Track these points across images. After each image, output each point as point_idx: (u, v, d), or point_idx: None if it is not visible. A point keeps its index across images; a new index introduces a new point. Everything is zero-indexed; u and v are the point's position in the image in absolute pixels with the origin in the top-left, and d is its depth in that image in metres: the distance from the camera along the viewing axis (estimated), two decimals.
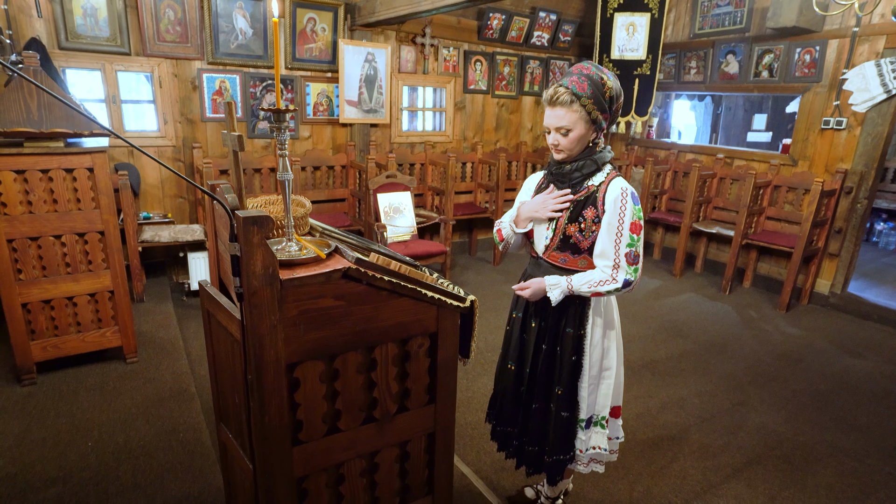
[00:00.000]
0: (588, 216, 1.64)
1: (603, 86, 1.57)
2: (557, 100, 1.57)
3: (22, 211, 2.57)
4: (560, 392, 1.78)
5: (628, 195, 1.59)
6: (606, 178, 1.65)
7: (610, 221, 1.59)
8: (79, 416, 2.50)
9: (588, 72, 1.57)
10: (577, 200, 1.66)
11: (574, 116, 1.57)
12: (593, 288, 1.63)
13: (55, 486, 2.04)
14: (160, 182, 4.32)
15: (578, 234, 1.65)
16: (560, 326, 1.77)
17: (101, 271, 2.80)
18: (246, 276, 1.11)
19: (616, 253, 1.60)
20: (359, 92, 4.89)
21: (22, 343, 2.68)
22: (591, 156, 1.65)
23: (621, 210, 1.58)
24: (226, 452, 1.61)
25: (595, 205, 1.63)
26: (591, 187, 1.65)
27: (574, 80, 1.57)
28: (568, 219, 1.67)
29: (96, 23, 3.84)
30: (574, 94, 1.55)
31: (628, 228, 1.58)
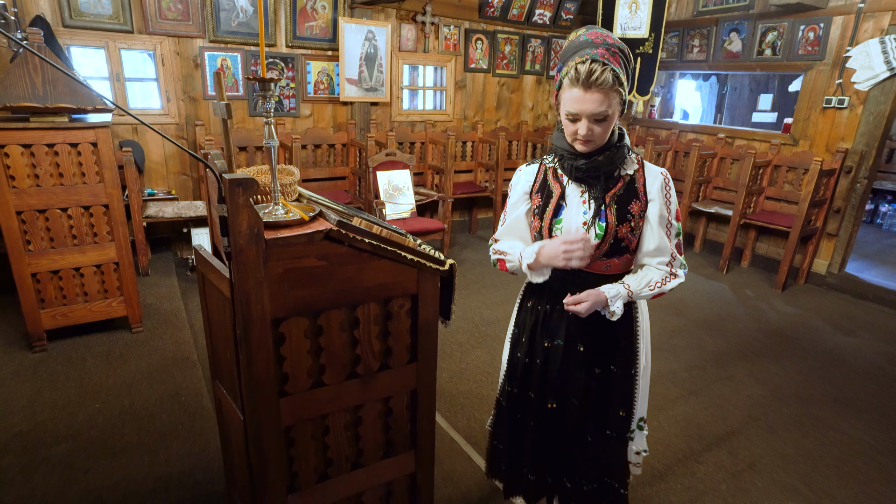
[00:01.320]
0: (635, 211, 1.42)
1: (628, 56, 1.34)
2: (596, 81, 1.26)
3: (29, 184, 2.66)
4: (623, 414, 1.57)
5: (670, 180, 1.43)
6: (637, 162, 1.46)
7: (661, 213, 1.42)
8: (87, 381, 2.62)
9: (613, 40, 1.32)
10: (619, 195, 1.43)
11: (615, 99, 1.31)
12: (656, 290, 1.45)
13: (65, 443, 2.17)
14: (164, 159, 4.40)
15: (630, 234, 1.44)
16: (613, 342, 1.55)
17: (106, 243, 2.90)
18: (233, 235, 1.18)
19: (670, 246, 1.44)
20: (359, 70, 4.91)
21: (32, 311, 2.79)
22: (619, 141, 1.43)
23: (667, 198, 1.42)
24: (220, 407, 1.70)
25: (637, 196, 1.43)
26: (627, 177, 1.44)
27: (605, 52, 1.28)
28: (617, 218, 1.42)
29: (100, 1, 3.89)
30: (615, 73, 1.28)
31: (675, 217, 1.43)
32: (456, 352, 3.26)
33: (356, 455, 1.52)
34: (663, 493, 2.23)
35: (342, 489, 1.51)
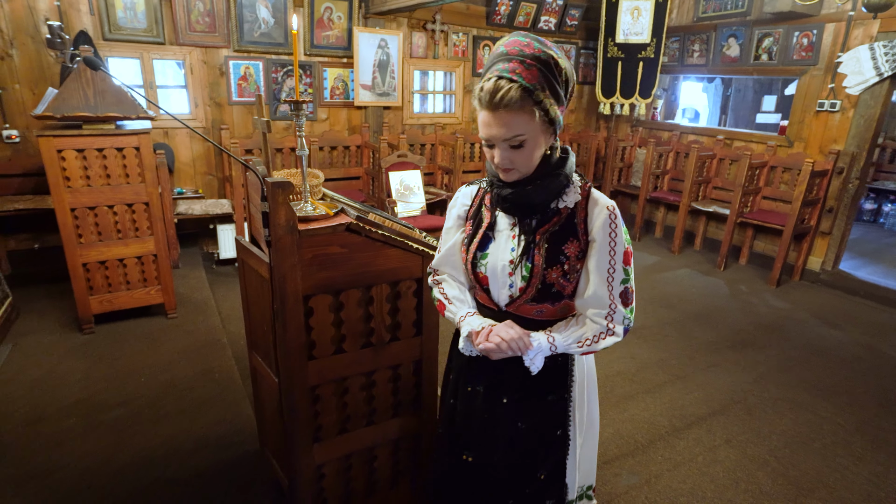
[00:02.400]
0: (570, 252, 1.20)
1: (556, 67, 1.10)
2: (502, 101, 1.08)
3: (82, 184, 2.99)
4: (544, 477, 1.37)
5: (617, 216, 1.18)
6: (581, 193, 1.22)
7: (599, 256, 1.18)
8: (131, 359, 2.95)
9: (533, 49, 1.09)
10: (552, 232, 1.21)
11: (528, 121, 1.10)
12: (587, 347, 1.21)
13: (118, 409, 2.49)
14: (192, 160, 4.74)
15: (562, 279, 1.21)
16: (540, 395, 1.33)
17: (146, 237, 3.23)
18: (273, 227, 1.48)
19: (611, 295, 1.19)
20: (372, 76, 5.21)
21: (82, 297, 3.13)
22: (556, 168, 1.19)
23: (612, 238, 1.17)
24: (256, 374, 2.00)
25: (576, 234, 1.20)
26: (566, 210, 1.21)
27: (517, 66, 1.08)
28: (545, 261, 1.20)
29: (135, 15, 4.23)
30: (525, 90, 1.07)
31: (621, 260, 1.18)
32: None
33: (370, 413, 1.80)
34: (643, 462, 2.48)
35: (357, 442, 1.80)
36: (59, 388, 2.67)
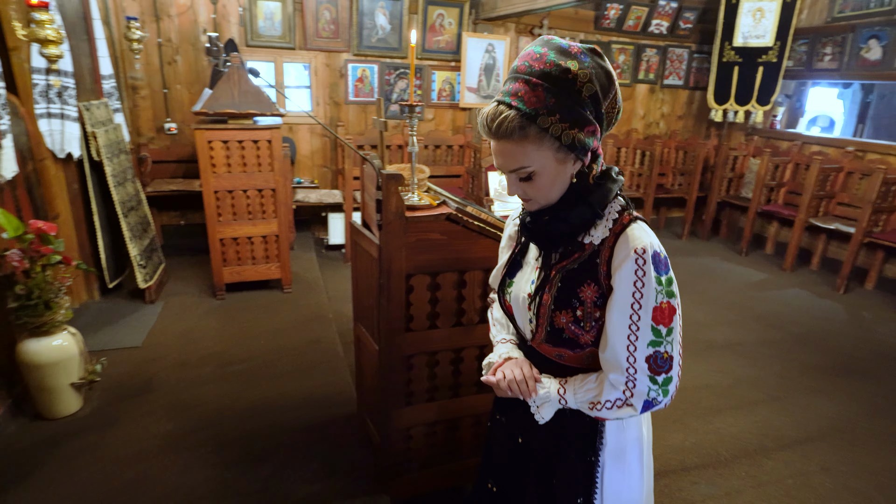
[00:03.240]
0: (587, 297, 1.01)
1: (573, 80, 0.92)
2: (500, 130, 0.95)
3: (224, 171, 3.50)
4: None
5: (648, 261, 0.94)
6: (613, 228, 1.01)
7: (619, 310, 0.97)
8: (253, 323, 3.40)
9: (543, 64, 0.92)
10: (569, 270, 1.03)
11: (534, 150, 0.95)
12: (598, 411, 1.02)
13: (243, 364, 2.92)
14: (311, 153, 5.26)
15: (574, 325, 1.02)
16: (558, 448, 1.13)
17: (271, 219, 3.69)
18: (384, 213, 1.71)
19: (631, 359, 0.96)
20: (478, 79, 5.43)
21: (218, 268, 3.65)
22: (582, 196, 1.01)
23: (637, 289, 0.95)
24: (359, 342, 2.28)
25: (596, 277, 1.01)
26: (589, 246, 1.03)
27: (521, 87, 0.93)
28: (554, 302, 1.04)
29: (273, 24, 4.78)
30: (526, 116, 0.92)
31: (650, 318, 0.95)
32: None
33: (456, 386, 1.99)
34: (724, 476, 2.44)
35: (443, 411, 2.00)
36: (199, 341, 3.16)
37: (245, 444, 2.32)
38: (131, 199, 3.70)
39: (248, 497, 2.05)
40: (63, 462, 2.19)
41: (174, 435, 2.37)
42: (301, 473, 2.16)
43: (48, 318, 2.33)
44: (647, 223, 1.02)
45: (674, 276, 0.97)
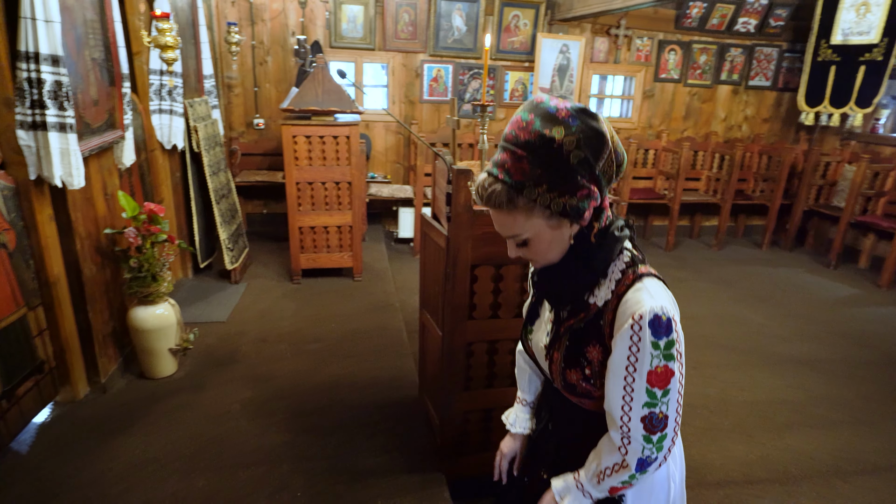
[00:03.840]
0: (594, 357, 1.02)
1: (558, 149, 0.90)
2: (490, 200, 0.97)
3: (305, 164, 3.75)
4: None
5: (644, 327, 0.93)
6: (616, 290, 1.00)
7: (615, 370, 0.97)
8: (326, 307, 3.63)
9: (529, 134, 0.91)
10: (576, 330, 1.04)
11: (525, 220, 0.97)
12: (604, 482, 1.03)
13: (317, 343, 3.14)
14: (385, 150, 5.48)
15: (585, 382, 1.04)
16: None
17: (346, 210, 3.91)
18: (454, 205, 1.81)
19: (626, 418, 0.97)
20: (551, 80, 5.42)
21: (296, 254, 3.92)
22: (582, 258, 1.01)
23: (632, 353, 0.95)
24: (423, 329, 2.40)
25: (599, 337, 1.02)
26: (594, 307, 1.02)
27: (507, 158, 0.94)
28: (564, 360, 1.06)
29: (355, 27, 5.04)
30: (513, 188, 0.93)
31: (644, 381, 0.95)
32: None
33: (513, 375, 2.06)
34: (793, 493, 2.34)
35: (500, 398, 2.07)
36: (277, 320, 3.42)
37: (316, 416, 2.51)
38: (223, 188, 4.05)
39: (317, 462, 2.22)
40: (161, 416, 2.47)
41: (253, 402, 2.60)
42: (366, 446, 2.31)
43: (154, 289, 2.64)
44: (657, 277, 1.00)
45: (677, 337, 0.95)
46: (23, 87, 2.02)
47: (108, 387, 2.63)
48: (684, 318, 3.64)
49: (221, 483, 2.10)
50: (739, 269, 5.22)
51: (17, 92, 2.03)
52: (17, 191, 2.14)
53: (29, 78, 2.02)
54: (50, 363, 2.38)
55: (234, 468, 2.18)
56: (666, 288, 1.00)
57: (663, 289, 0.99)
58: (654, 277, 0.99)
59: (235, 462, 2.21)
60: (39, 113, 2.06)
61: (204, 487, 2.08)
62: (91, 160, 2.49)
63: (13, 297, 2.14)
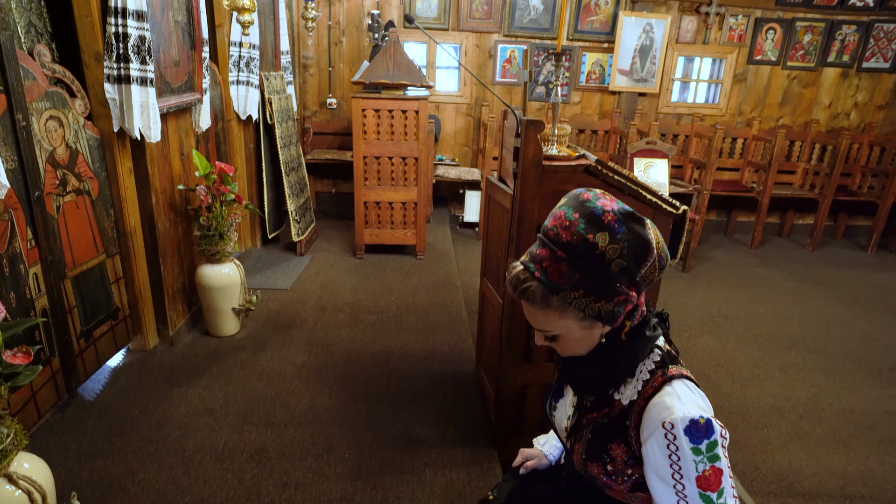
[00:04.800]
0: (617, 455, 0.97)
1: (601, 256, 0.88)
2: (524, 294, 0.94)
3: (373, 138, 3.74)
4: None
5: (679, 435, 0.87)
6: (643, 391, 0.94)
7: (660, 486, 0.91)
8: (386, 283, 3.60)
9: (570, 235, 0.88)
10: (599, 423, 1.00)
11: (556, 319, 0.94)
12: None
13: (374, 315, 3.12)
14: (454, 132, 5.40)
15: (606, 477, 0.99)
16: None
17: (411, 187, 3.87)
18: (522, 160, 1.68)
19: None
20: (631, 62, 5.12)
21: (360, 228, 3.93)
22: (613, 356, 0.97)
23: (673, 461, 0.88)
24: (483, 298, 2.29)
25: (626, 438, 0.96)
26: (619, 404, 0.98)
27: (546, 256, 0.91)
28: (585, 453, 1.01)
29: (430, 7, 4.99)
30: (548, 288, 0.90)
31: (695, 487, 0.88)
32: (685, 332, 3.34)
33: None
34: None
35: None
36: (337, 291, 3.44)
37: (369, 384, 2.47)
38: (293, 161, 4.13)
39: (366, 427, 2.17)
40: (222, 371, 2.53)
41: (308, 366, 2.60)
42: (417, 416, 2.23)
43: (221, 248, 2.70)
44: (690, 379, 0.94)
45: (718, 435, 0.87)
46: (111, 41, 2.10)
47: (175, 340, 2.73)
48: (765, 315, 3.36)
49: (271, 438, 2.10)
50: (838, 272, 4.69)
51: (105, 46, 2.12)
52: (101, 142, 2.25)
53: (116, 32, 2.10)
54: (124, 311, 2.49)
55: (285, 426, 2.18)
56: (697, 387, 0.94)
57: (694, 389, 0.93)
58: (685, 379, 0.94)
59: (286, 421, 2.21)
60: (124, 66, 2.14)
61: (254, 441, 2.09)
62: (169, 119, 2.58)
63: (94, 243, 2.24)
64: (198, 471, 1.93)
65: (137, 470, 1.92)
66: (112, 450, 2.00)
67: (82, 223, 2.15)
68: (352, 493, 1.87)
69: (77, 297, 2.14)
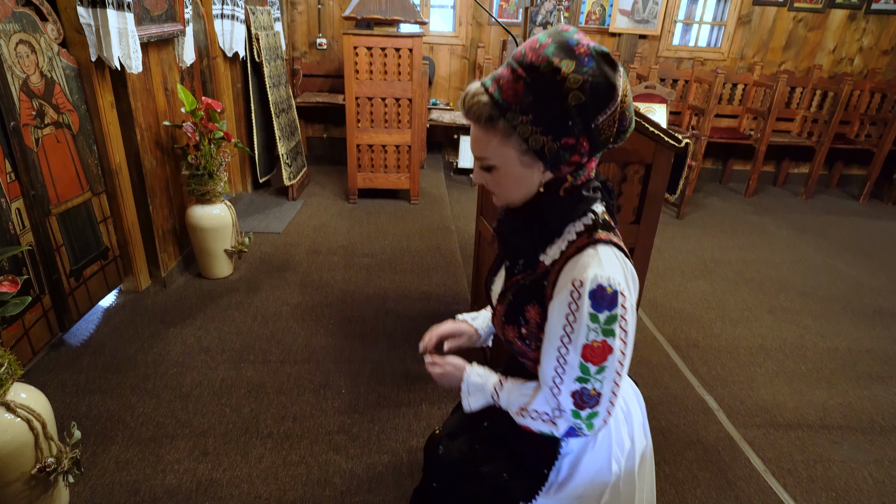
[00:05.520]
0: (531, 318, 0.94)
1: (560, 82, 0.79)
2: (471, 111, 0.87)
3: (366, 77, 3.61)
4: None
5: (584, 295, 0.83)
6: (566, 251, 0.89)
7: (549, 339, 0.89)
8: (380, 227, 3.57)
9: (537, 56, 0.80)
10: (521, 285, 0.96)
11: (497, 145, 0.87)
12: (523, 417, 0.96)
13: (368, 258, 3.11)
14: (449, 75, 5.24)
15: (520, 341, 0.98)
16: (509, 445, 1.08)
17: (405, 129, 3.77)
18: None
19: (556, 390, 0.90)
20: (633, 1, 4.92)
21: (353, 172, 3.86)
22: (543, 210, 0.92)
23: (568, 322, 0.86)
24: (479, 237, 2.27)
25: (540, 298, 0.93)
26: (542, 266, 0.93)
27: (507, 74, 0.83)
28: (504, 315, 0.99)
29: None
30: (497, 107, 0.84)
31: (578, 355, 0.86)
32: (678, 277, 3.36)
33: None
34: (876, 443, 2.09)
35: None
36: (331, 235, 3.41)
37: (365, 324, 2.49)
38: (283, 102, 4.00)
39: (362, 364, 2.20)
40: (216, 312, 2.52)
41: (303, 306, 2.61)
42: (412, 354, 2.26)
43: (211, 188, 2.64)
44: (620, 249, 0.88)
45: (624, 314, 0.84)
46: None
47: (167, 282, 2.71)
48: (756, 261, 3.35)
49: (268, 375, 2.12)
50: (829, 219, 4.70)
51: None
52: (79, 72, 2.14)
53: None
54: (114, 251, 2.45)
55: (281, 363, 2.20)
56: (626, 260, 0.88)
57: (620, 259, 0.87)
58: (613, 246, 0.87)
59: (282, 358, 2.23)
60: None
61: (251, 377, 2.11)
62: (150, 50, 2.46)
63: (78, 180, 2.18)
64: (196, 405, 1.95)
65: (136, 405, 1.94)
66: (109, 386, 2.01)
67: (64, 158, 2.08)
68: (349, 424, 1.90)
69: (64, 235, 2.10)
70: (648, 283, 3.14)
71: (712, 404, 2.22)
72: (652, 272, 3.33)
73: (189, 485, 1.64)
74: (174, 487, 1.63)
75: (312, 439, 1.84)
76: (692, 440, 2.01)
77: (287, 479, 1.69)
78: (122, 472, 1.67)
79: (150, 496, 1.60)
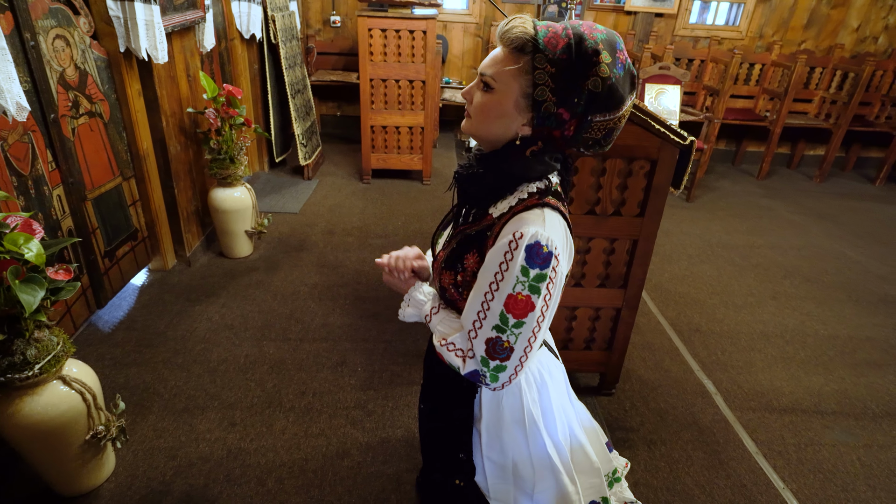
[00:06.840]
0: (469, 265, 0.99)
1: (593, 64, 0.84)
2: (506, 35, 0.89)
3: (380, 59, 3.65)
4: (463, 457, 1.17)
5: (520, 247, 0.88)
6: (515, 207, 0.94)
7: (479, 283, 0.94)
8: (393, 207, 3.67)
9: (589, 33, 0.86)
10: (467, 234, 1.01)
11: (511, 75, 0.89)
12: (441, 346, 1.01)
13: (381, 238, 3.22)
14: (462, 54, 5.23)
15: (453, 288, 1.02)
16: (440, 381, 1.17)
17: (418, 111, 3.82)
18: None
19: (473, 333, 0.95)
20: None
21: (366, 153, 3.93)
22: (505, 162, 0.95)
23: (500, 270, 0.90)
24: None
25: (480, 248, 0.98)
26: (490, 218, 0.98)
27: (555, 27, 0.88)
28: (444, 261, 1.03)
29: None
30: (533, 45, 0.86)
31: (502, 303, 0.90)
32: (684, 261, 3.43)
33: (579, 277, 2.00)
34: (867, 429, 2.19)
35: (566, 297, 2.03)
36: (345, 215, 3.51)
37: (378, 304, 2.61)
38: (298, 83, 4.06)
39: (376, 343, 2.33)
40: (237, 291, 2.66)
41: (320, 286, 2.73)
42: (424, 333, 2.38)
43: (231, 172, 2.75)
44: (565, 218, 0.94)
45: (554, 276, 0.89)
46: None
47: (192, 261, 2.84)
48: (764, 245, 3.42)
49: (288, 352, 2.26)
50: (842, 204, 4.70)
51: None
52: (109, 63, 2.23)
53: None
54: (143, 232, 2.58)
55: (300, 341, 2.33)
56: (567, 229, 0.94)
57: (563, 228, 0.93)
58: (560, 214, 0.93)
59: (301, 336, 2.36)
60: None
61: (273, 354, 2.25)
62: (174, 39, 2.53)
63: (110, 166, 2.29)
64: (223, 379, 2.10)
65: (168, 378, 2.09)
66: (143, 360, 2.17)
67: (97, 146, 2.19)
68: (365, 401, 2.04)
69: (98, 219, 2.22)
70: (654, 266, 3.21)
71: (710, 388, 2.33)
72: (658, 256, 3.40)
73: (220, 452, 1.80)
74: (207, 454, 1.79)
75: (331, 413, 1.98)
76: (689, 422, 2.12)
77: (308, 450, 1.83)
78: (160, 440, 1.82)
79: (186, 461, 1.76)
